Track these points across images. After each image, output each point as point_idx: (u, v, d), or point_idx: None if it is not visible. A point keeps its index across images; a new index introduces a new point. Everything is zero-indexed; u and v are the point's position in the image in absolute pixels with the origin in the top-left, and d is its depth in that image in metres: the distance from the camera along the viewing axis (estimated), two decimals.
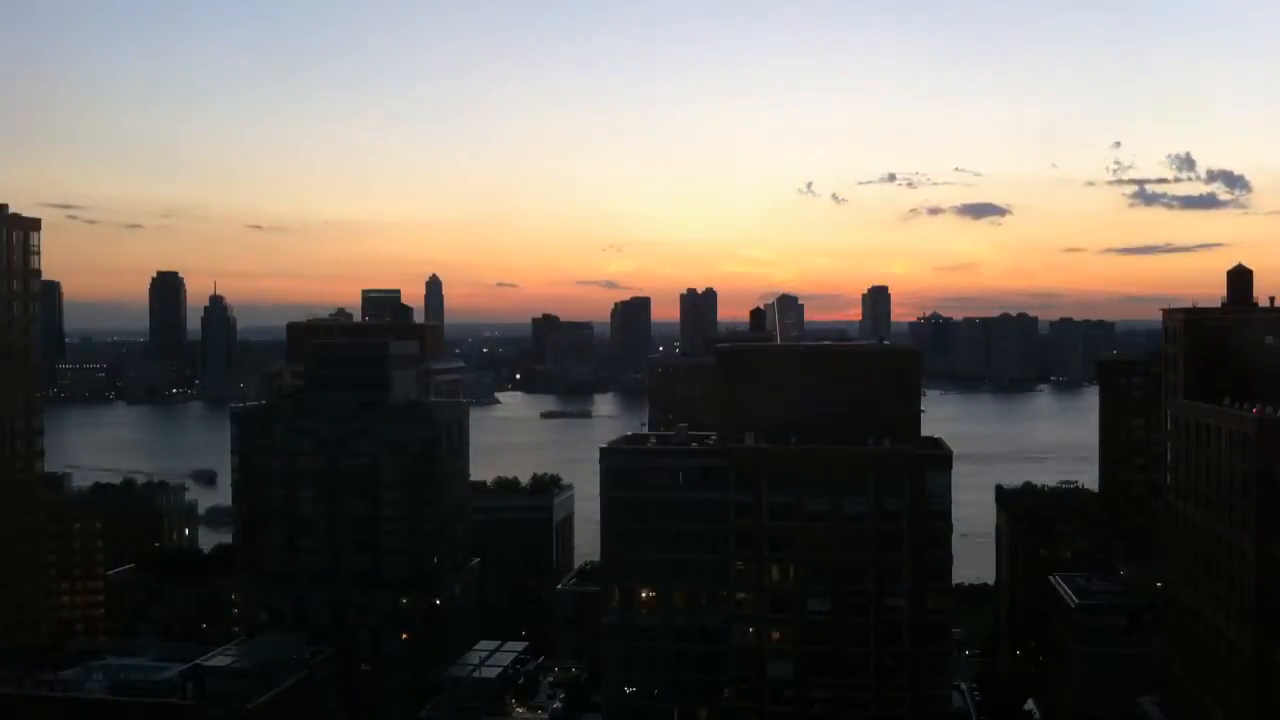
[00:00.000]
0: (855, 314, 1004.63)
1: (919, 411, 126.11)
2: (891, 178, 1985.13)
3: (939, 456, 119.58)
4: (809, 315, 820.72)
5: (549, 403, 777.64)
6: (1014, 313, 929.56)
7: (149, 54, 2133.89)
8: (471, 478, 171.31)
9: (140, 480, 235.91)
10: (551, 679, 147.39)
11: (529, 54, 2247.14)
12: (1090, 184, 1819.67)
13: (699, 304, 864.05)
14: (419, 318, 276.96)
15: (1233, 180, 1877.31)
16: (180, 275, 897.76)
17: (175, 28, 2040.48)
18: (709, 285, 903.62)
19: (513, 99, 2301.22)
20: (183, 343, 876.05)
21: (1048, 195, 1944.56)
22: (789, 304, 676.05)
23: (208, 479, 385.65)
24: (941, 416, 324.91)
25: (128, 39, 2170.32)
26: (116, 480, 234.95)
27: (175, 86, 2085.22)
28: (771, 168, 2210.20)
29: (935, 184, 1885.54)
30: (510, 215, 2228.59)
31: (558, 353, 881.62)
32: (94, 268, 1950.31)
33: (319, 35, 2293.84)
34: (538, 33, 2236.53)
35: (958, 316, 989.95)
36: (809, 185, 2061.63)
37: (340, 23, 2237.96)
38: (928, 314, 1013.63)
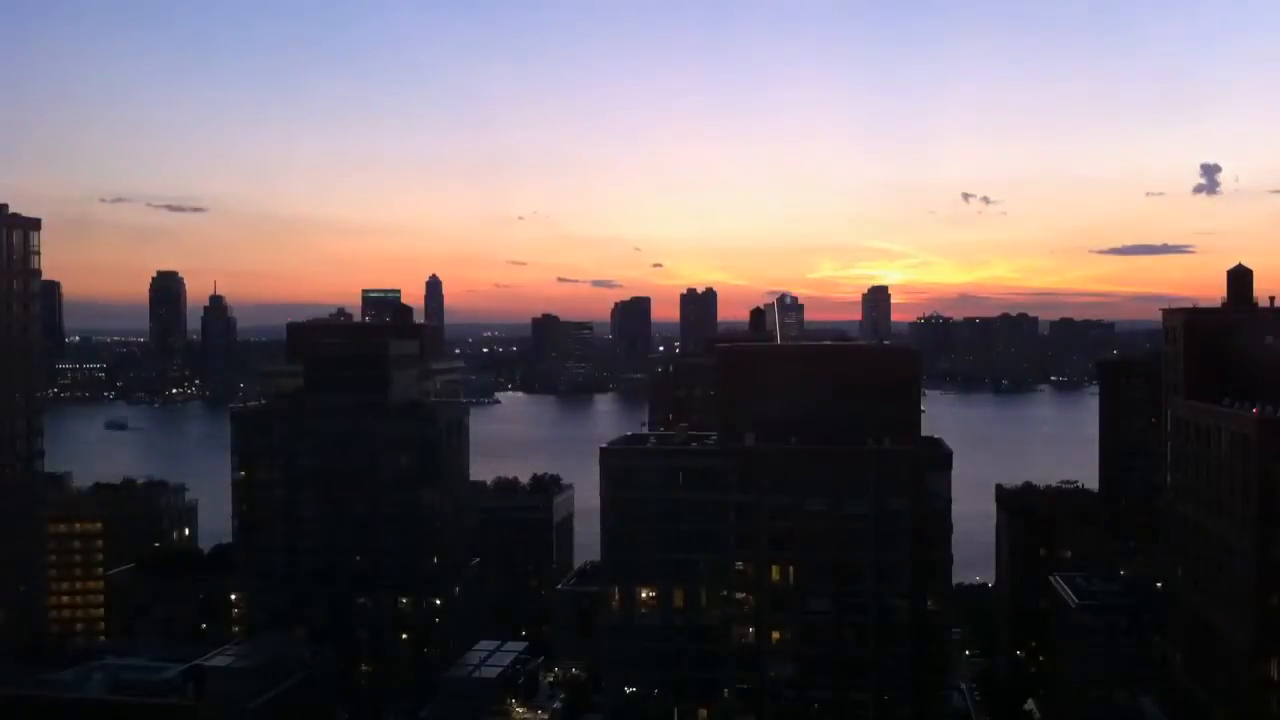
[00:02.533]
0: (855, 314, 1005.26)
1: (919, 411, 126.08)
2: (888, 175, 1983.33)
3: (939, 456, 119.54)
4: (809, 315, 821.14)
5: (549, 403, 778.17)
6: (1014, 313, 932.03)
7: (151, 53, 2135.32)
8: (471, 478, 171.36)
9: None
10: (551, 679, 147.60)
11: (528, 53, 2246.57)
12: (1090, 180, 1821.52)
13: (699, 304, 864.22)
14: (419, 318, 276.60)
15: (1236, 177, 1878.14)
16: (180, 275, 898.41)
17: (181, 28, 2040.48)
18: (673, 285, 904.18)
19: (512, 99, 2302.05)
20: (183, 343, 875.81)
21: (1047, 192, 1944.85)
22: (789, 304, 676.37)
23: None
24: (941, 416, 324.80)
25: (132, 36, 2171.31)
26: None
27: (173, 87, 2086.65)
28: (769, 167, 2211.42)
29: (931, 180, 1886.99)
30: (509, 214, 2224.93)
31: (558, 353, 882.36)
32: (94, 268, 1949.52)
33: (320, 36, 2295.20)
34: (537, 32, 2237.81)
35: (958, 316, 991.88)
36: (806, 182, 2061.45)
37: (342, 23, 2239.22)
38: (928, 314, 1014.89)
